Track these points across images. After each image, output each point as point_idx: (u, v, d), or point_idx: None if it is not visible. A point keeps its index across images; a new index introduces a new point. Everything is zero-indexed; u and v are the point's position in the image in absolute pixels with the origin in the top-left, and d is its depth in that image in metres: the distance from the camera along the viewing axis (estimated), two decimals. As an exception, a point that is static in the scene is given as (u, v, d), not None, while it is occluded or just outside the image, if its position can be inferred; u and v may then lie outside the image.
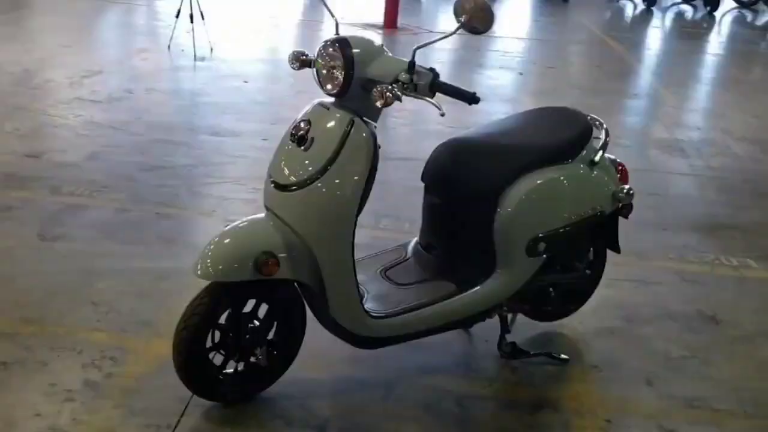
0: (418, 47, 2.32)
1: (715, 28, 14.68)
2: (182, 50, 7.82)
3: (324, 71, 2.40)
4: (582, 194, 2.81)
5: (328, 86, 2.40)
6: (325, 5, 2.67)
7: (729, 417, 2.77)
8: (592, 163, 2.83)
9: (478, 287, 2.73)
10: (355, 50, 2.35)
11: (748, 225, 4.62)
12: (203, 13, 7.74)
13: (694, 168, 5.60)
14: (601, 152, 2.86)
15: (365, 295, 2.63)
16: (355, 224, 2.41)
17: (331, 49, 2.38)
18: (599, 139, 2.89)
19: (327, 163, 2.33)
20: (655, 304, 3.53)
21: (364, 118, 2.39)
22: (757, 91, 8.89)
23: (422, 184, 2.89)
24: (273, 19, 10.83)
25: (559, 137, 2.79)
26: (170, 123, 5.60)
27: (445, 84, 2.35)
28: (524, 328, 3.12)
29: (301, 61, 2.55)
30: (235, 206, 4.17)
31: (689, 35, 13.83)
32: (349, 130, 2.35)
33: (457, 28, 2.31)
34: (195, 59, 7.58)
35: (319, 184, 2.33)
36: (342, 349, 2.80)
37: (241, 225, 2.46)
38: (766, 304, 3.65)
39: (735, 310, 3.53)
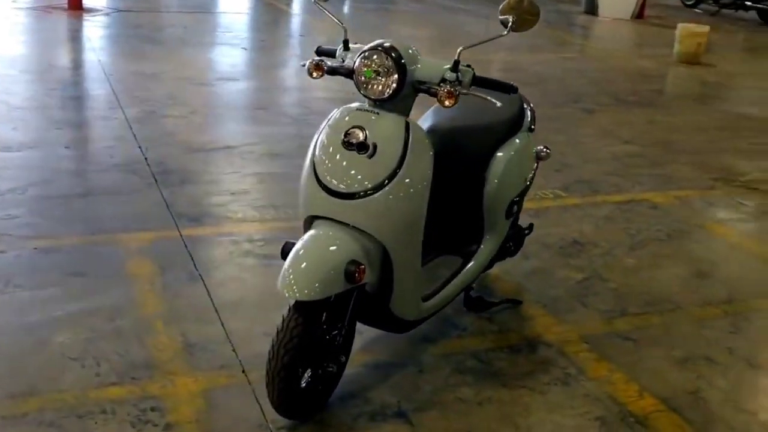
0: (465, 48, 2.42)
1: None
2: None
3: (373, 77, 2.39)
4: (530, 158, 3.16)
5: (379, 90, 2.39)
6: (331, 15, 2.61)
7: (651, 315, 3.37)
8: (531, 131, 3.18)
9: (477, 254, 2.96)
10: (401, 55, 2.38)
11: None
12: None
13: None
14: (532, 121, 3.22)
15: None
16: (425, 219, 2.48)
17: (375, 57, 2.38)
18: (528, 109, 3.24)
19: (396, 167, 2.36)
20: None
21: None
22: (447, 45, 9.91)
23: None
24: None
25: (510, 112, 3.07)
26: (-61, 144, 4.69)
27: (484, 78, 2.50)
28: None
29: (323, 70, 2.49)
30: (108, 225, 3.76)
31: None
32: (408, 133, 2.39)
33: (509, 30, 2.43)
34: None
35: (393, 188, 2.35)
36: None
37: (312, 242, 2.37)
38: (596, 221, 4.36)
39: (584, 233, 4.19)
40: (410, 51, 2.44)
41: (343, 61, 2.56)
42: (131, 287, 3.23)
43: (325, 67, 2.50)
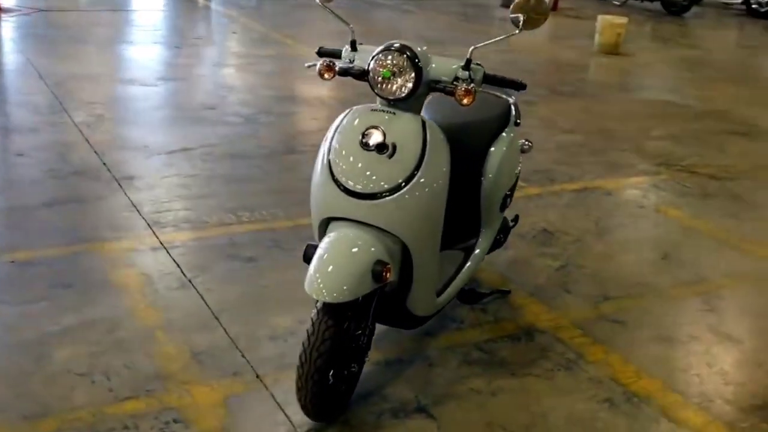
0: (476, 47, 2.44)
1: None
2: None
3: (390, 77, 2.38)
4: (518, 152, 3.22)
5: (394, 89, 2.39)
6: (337, 15, 2.59)
7: (631, 298, 3.49)
8: (517, 125, 3.24)
9: (477, 247, 3.00)
10: (416, 55, 2.38)
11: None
12: None
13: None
14: (517, 115, 3.27)
15: None
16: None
17: (390, 57, 2.37)
18: (511, 105, 3.29)
19: (416, 165, 2.36)
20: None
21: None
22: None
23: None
24: None
25: (499, 108, 3.11)
26: None
27: (494, 76, 2.52)
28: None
29: (334, 71, 2.46)
30: (83, 234, 3.61)
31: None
32: (426, 131, 2.40)
33: (521, 29, 2.46)
34: None
35: (415, 186, 2.36)
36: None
37: (336, 244, 2.34)
38: (559, 210, 4.48)
39: (551, 221, 4.29)
40: (421, 50, 2.45)
41: (352, 62, 2.54)
42: (122, 297, 3.12)
43: (336, 69, 2.47)
